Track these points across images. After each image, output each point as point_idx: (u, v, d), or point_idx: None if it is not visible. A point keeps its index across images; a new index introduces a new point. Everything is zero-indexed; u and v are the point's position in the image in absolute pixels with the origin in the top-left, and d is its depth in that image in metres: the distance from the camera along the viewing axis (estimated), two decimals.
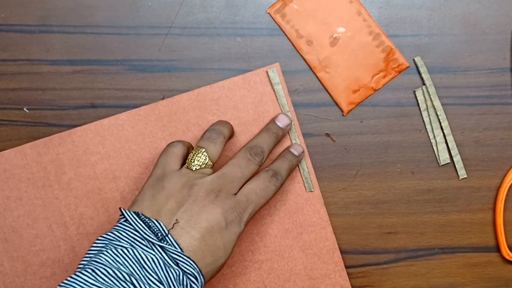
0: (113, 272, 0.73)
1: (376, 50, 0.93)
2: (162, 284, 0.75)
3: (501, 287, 0.96)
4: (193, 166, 0.83)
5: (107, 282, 0.73)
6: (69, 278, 0.73)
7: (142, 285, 0.73)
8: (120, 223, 0.79)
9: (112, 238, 0.77)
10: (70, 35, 0.93)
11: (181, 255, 0.76)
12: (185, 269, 0.76)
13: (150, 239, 0.76)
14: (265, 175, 0.86)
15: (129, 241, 0.77)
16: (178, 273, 0.76)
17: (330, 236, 0.93)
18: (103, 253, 0.75)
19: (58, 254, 0.93)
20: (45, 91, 0.93)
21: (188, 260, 0.76)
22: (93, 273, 0.73)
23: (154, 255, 0.76)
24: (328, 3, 0.93)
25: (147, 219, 0.78)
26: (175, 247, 0.77)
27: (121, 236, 0.77)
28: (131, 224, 0.78)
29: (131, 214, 0.78)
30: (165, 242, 0.77)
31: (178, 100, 0.93)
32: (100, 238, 0.78)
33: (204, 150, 0.84)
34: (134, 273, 0.74)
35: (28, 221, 0.93)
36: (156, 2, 0.93)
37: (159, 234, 0.77)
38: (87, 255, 0.77)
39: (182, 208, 0.80)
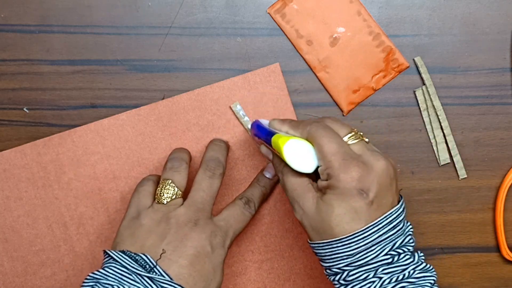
0: None
1: (376, 50, 0.93)
2: None
3: (501, 287, 0.96)
4: (164, 199, 0.84)
5: None
6: None
7: None
8: (107, 262, 0.79)
9: (99, 277, 0.77)
10: (70, 35, 0.93)
11: (171, 284, 0.76)
12: None
13: (138, 272, 0.76)
14: (239, 203, 0.88)
15: (117, 278, 0.77)
16: None
17: None
18: None
19: (58, 254, 0.93)
20: (45, 91, 0.93)
21: (179, 287, 0.77)
22: None
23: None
24: (328, 3, 0.93)
25: (133, 254, 0.78)
26: (164, 277, 0.77)
27: (108, 274, 0.77)
28: (117, 261, 0.78)
29: (116, 252, 0.79)
30: (153, 273, 0.77)
31: (178, 100, 0.93)
32: (88, 277, 0.78)
33: (170, 181, 0.84)
34: None
35: (28, 221, 0.93)
36: (156, 2, 0.93)
37: (147, 266, 0.77)
38: None
39: (165, 240, 0.80)
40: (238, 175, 0.93)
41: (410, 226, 0.78)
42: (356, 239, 0.73)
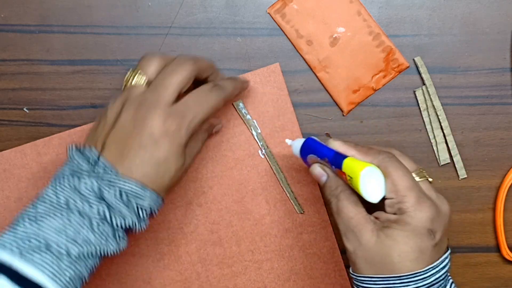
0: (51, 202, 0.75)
1: (376, 50, 0.93)
2: (101, 201, 0.75)
3: (501, 287, 0.96)
4: (129, 83, 0.81)
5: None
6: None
7: (79, 203, 0.74)
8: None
9: (57, 172, 0.77)
10: (70, 35, 0.93)
11: (115, 179, 0.75)
12: (124, 188, 0.75)
13: (82, 168, 0.76)
14: (205, 86, 0.82)
15: (71, 172, 0.76)
16: (116, 192, 0.75)
17: (330, 236, 0.93)
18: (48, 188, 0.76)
19: None
20: (45, 91, 0.93)
21: (124, 180, 0.75)
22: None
23: (88, 181, 0.75)
24: (328, 3, 0.93)
25: (82, 148, 0.78)
26: (108, 169, 0.76)
27: (64, 169, 0.77)
28: (69, 157, 0.78)
29: (71, 147, 0.78)
30: (97, 167, 0.76)
31: None
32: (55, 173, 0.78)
33: (140, 71, 0.81)
34: (70, 198, 0.75)
35: None
36: (156, 2, 0.93)
37: (91, 159, 0.76)
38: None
39: (113, 129, 0.78)
40: (239, 175, 0.93)
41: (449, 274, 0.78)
42: (416, 278, 0.73)
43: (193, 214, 0.93)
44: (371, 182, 0.75)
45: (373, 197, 0.75)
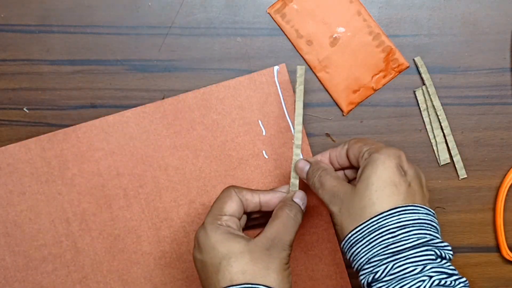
0: None
1: (376, 50, 0.93)
2: None
3: (501, 287, 0.96)
4: None
5: None
6: None
7: None
8: None
9: None
10: (70, 35, 0.93)
11: None
12: None
13: None
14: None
15: None
16: None
17: (332, 238, 0.93)
18: None
19: (60, 249, 0.93)
20: (45, 91, 0.93)
21: None
22: None
23: None
24: (328, 3, 0.93)
25: None
26: None
27: None
28: None
29: None
30: None
31: (183, 98, 0.93)
32: None
33: None
34: None
35: (31, 216, 0.93)
36: (156, 2, 0.93)
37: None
38: None
39: None
40: (242, 175, 0.93)
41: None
42: (398, 211, 0.74)
43: (196, 213, 0.93)
44: None
45: None
